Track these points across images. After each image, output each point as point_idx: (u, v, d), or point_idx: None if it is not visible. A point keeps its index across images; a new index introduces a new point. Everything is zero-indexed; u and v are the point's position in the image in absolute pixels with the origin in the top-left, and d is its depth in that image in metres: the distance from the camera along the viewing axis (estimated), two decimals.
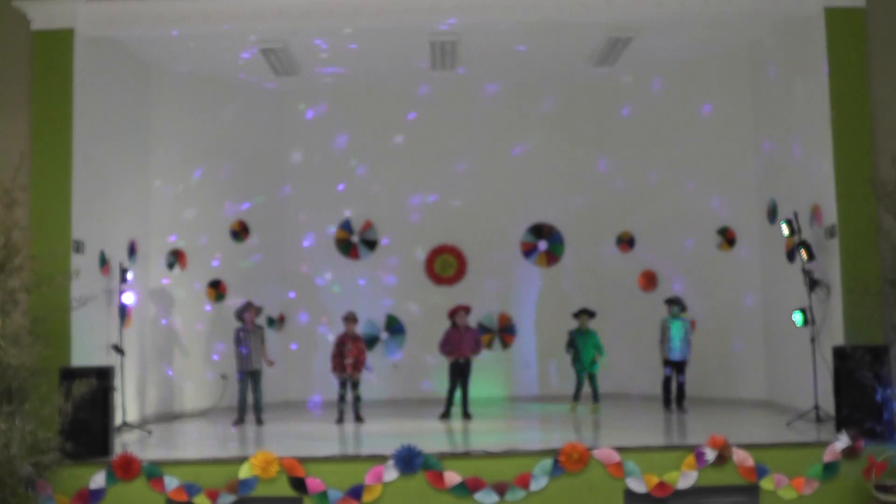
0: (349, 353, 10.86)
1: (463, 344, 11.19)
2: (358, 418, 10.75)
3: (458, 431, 9.91)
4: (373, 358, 13.01)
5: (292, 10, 9.67)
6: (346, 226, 13.41)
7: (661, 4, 9.66)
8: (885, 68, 9.33)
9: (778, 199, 10.94)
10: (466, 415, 10.97)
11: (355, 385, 10.94)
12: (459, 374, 11.15)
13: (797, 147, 10.31)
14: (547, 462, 7.68)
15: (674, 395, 11.25)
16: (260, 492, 7.64)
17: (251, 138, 13.03)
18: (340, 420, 10.76)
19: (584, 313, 11.50)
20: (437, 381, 12.26)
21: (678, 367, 11.24)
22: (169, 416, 11.55)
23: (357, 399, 10.92)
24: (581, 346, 11.39)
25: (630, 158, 13.15)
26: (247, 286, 12.47)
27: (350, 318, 11.01)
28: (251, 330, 11.01)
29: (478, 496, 7.62)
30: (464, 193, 13.40)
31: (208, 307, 12.33)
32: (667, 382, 11.32)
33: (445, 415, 11.00)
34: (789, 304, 10.10)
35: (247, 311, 11.08)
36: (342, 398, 10.92)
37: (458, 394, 11.15)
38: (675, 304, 11.35)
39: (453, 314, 11.40)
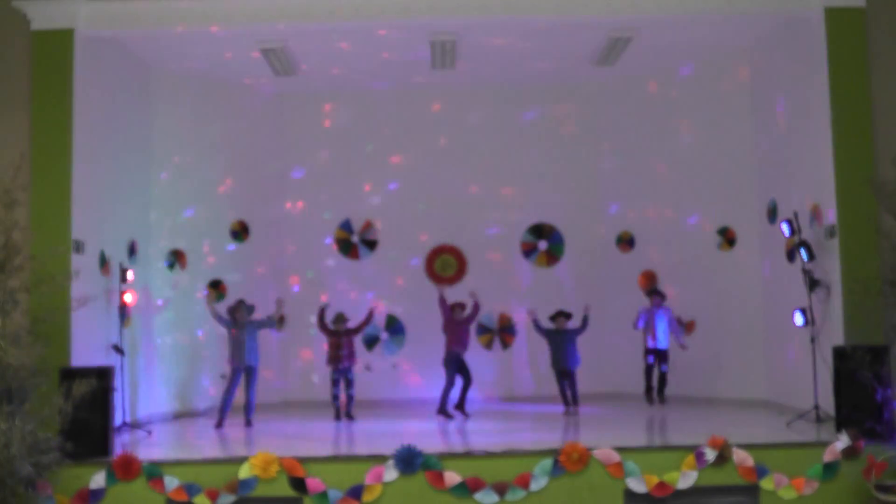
0: (345, 345, 11.06)
1: (460, 334, 11.12)
2: (349, 415, 10.83)
3: (458, 431, 9.91)
4: (373, 358, 13.02)
5: (292, 10, 9.68)
6: (346, 226, 13.41)
7: (661, 4, 9.68)
8: (885, 68, 9.34)
9: (778, 199, 10.93)
10: (459, 406, 10.97)
11: (349, 383, 11.02)
12: (456, 366, 11.08)
13: (797, 147, 10.30)
14: (547, 462, 7.68)
15: (655, 385, 11.33)
16: (260, 492, 7.63)
17: (251, 138, 13.03)
18: (338, 417, 10.83)
19: (561, 315, 11.46)
20: (435, 382, 12.25)
21: (661, 356, 11.32)
22: (169, 416, 11.55)
23: (350, 398, 11.03)
24: (556, 345, 11.33)
25: (630, 158, 13.15)
26: (247, 286, 12.46)
27: (340, 320, 11.19)
28: (243, 326, 10.97)
29: (478, 496, 7.61)
30: (464, 193, 13.40)
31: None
32: (649, 371, 11.38)
33: (455, 410, 10.97)
34: (789, 304, 10.10)
35: (238, 310, 11.02)
36: (336, 397, 10.98)
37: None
38: (658, 294, 11.58)
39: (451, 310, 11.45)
